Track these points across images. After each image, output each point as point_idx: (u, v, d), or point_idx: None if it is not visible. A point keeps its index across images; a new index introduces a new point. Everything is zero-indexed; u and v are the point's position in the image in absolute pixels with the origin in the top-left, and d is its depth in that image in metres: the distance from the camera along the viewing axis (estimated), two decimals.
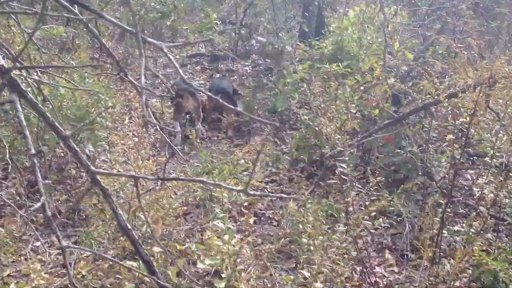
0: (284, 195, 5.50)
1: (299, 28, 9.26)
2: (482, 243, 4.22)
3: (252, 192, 1.95)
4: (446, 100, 4.64)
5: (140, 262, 1.75)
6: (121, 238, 4.34)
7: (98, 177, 1.90)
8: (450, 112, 4.51)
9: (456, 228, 4.61)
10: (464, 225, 4.47)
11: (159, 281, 1.72)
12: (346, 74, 6.50)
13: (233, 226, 4.64)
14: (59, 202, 5.09)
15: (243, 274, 4.16)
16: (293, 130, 7.17)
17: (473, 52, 6.24)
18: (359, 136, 6.02)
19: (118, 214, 1.77)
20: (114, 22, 2.78)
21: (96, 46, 9.36)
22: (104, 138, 5.40)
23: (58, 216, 4.76)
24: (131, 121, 7.11)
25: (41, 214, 4.87)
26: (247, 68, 10.03)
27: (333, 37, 7.29)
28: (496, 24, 8.09)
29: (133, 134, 6.46)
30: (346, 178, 4.21)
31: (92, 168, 1.90)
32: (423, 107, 5.42)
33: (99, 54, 9.15)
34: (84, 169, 1.85)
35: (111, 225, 4.51)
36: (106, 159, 5.54)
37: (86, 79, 5.72)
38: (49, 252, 4.41)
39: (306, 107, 6.43)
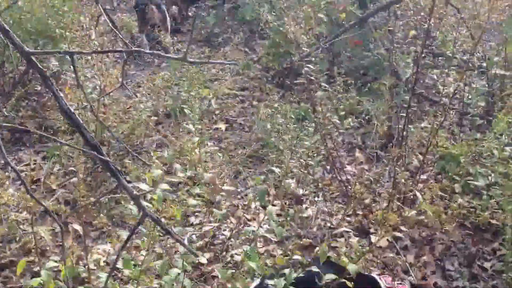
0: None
1: None
2: (447, 137, 4.33)
3: (191, 60, 1.92)
4: None
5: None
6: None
7: (34, 58, 1.81)
8: (412, 8, 4.49)
9: (423, 124, 4.72)
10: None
11: (109, 163, 1.72)
12: None
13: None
14: (25, 118, 5.02)
15: (217, 180, 4.22)
16: (263, 39, 7.07)
17: None
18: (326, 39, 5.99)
19: (59, 98, 1.72)
20: None
21: None
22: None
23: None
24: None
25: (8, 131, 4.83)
26: None
27: None
28: None
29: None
30: (312, 78, 4.21)
31: (27, 48, 1.81)
32: (386, 6, 5.38)
33: None
34: (18, 50, 1.78)
35: (80, 139, 4.47)
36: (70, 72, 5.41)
37: None
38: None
39: (274, 13, 6.32)
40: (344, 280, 2.58)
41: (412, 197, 3.84)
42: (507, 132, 3.41)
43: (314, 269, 2.64)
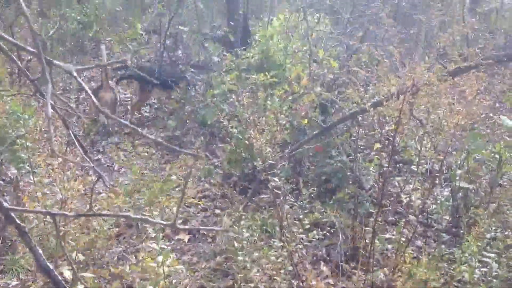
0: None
1: (225, 37, 9.22)
2: (412, 250, 4.34)
3: (181, 227, 1.87)
4: (372, 109, 4.76)
5: None
6: None
7: (13, 214, 1.75)
8: (376, 120, 4.61)
9: (387, 236, 4.72)
10: (394, 232, 4.58)
11: None
12: (273, 84, 6.52)
13: (167, 246, 4.53)
14: None
15: None
16: (224, 143, 7.11)
17: (394, 59, 6.44)
18: (289, 147, 6.06)
19: (37, 253, 1.64)
20: (13, 43, 2.63)
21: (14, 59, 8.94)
22: (26, 159, 5.14)
23: None
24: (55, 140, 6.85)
25: None
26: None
27: (259, 47, 7.28)
28: (415, 31, 8.38)
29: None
30: (279, 192, 4.21)
31: (6, 204, 1.75)
32: (350, 116, 5.52)
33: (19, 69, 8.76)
34: None
35: None
36: (30, 181, 5.28)
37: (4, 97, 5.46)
38: None
39: (236, 119, 6.41)
40: None
41: None
42: (477, 256, 3.43)
43: None
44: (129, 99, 9.10)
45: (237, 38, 9.32)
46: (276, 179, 4.13)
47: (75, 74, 2.11)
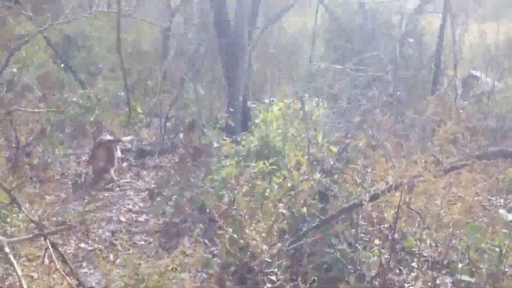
0: None
1: (225, 122, 9.33)
2: None
3: None
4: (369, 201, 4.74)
5: None
6: None
7: None
8: (374, 216, 4.59)
9: None
10: None
11: None
12: (272, 172, 6.52)
13: None
14: None
15: None
16: (223, 230, 7.02)
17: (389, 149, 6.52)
18: (288, 235, 5.99)
19: None
20: None
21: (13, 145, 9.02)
22: None
23: None
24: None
25: None
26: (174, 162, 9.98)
27: (259, 133, 7.36)
28: (411, 118, 8.48)
29: None
30: None
31: None
32: (349, 208, 5.49)
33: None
34: None
35: None
36: None
37: None
38: None
39: (235, 208, 6.41)
40: None
41: None
42: None
43: None
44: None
45: (237, 122, 9.45)
46: (273, 277, 4.06)
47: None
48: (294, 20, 19.94)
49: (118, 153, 9.35)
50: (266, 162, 6.50)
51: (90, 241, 6.93)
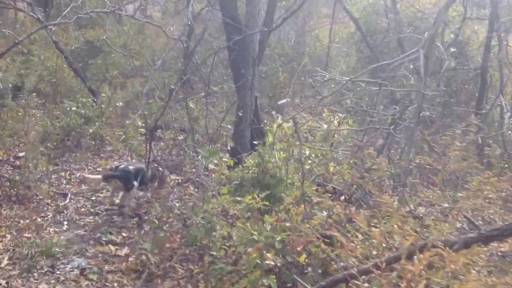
0: None
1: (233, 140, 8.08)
2: None
3: None
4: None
5: None
6: None
7: None
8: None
9: None
10: None
11: None
12: (267, 210, 5.33)
13: None
14: None
15: None
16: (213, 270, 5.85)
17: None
18: None
19: None
20: None
21: None
22: None
23: None
24: None
25: None
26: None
27: (256, 158, 6.11)
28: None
29: None
30: None
31: None
32: (355, 275, 4.21)
33: None
34: None
35: None
36: None
37: None
38: None
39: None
40: None
41: None
42: None
43: None
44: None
45: (245, 139, 8.28)
46: None
47: None
48: (327, 28, 18.76)
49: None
50: (258, 195, 5.30)
51: (52, 281, 5.86)
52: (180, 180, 8.96)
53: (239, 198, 5.51)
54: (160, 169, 8.13)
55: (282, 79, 14.62)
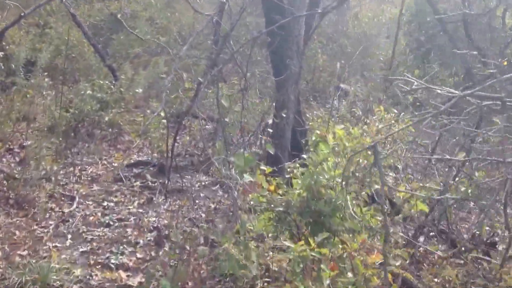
0: None
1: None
2: None
3: None
4: None
5: None
6: None
7: None
8: None
9: None
10: None
11: None
12: (321, 254, 4.01)
13: None
14: None
15: None
16: None
17: None
18: None
19: None
20: None
21: None
22: None
23: None
24: None
25: None
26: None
27: (304, 179, 4.76)
28: None
29: None
30: None
31: None
32: None
33: None
34: None
35: None
36: None
37: None
38: None
39: None
40: None
41: None
42: None
43: None
44: None
45: (285, 143, 6.96)
46: None
47: None
48: (371, 7, 17.18)
49: None
50: (312, 238, 3.98)
51: None
52: (206, 182, 7.73)
53: (283, 241, 4.21)
54: None
55: (321, 62, 13.31)
